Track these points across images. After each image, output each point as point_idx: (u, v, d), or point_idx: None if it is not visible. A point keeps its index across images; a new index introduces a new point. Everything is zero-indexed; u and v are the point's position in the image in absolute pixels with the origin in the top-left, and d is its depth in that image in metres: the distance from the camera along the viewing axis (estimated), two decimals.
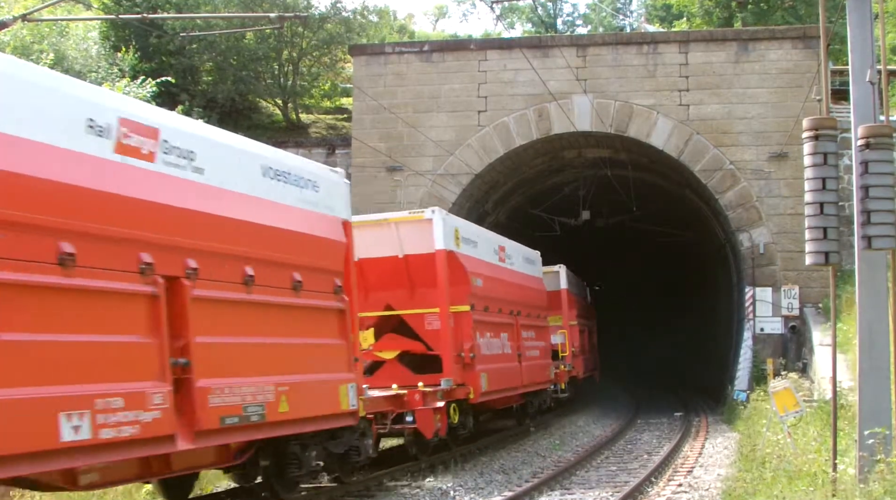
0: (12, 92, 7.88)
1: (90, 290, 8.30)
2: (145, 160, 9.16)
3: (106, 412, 8.12)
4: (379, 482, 14.40)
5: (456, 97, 28.70)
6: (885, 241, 9.75)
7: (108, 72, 27.03)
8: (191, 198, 9.66)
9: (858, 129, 10.00)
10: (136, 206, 8.92)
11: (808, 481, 10.91)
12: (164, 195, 9.28)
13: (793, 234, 26.02)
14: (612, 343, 45.49)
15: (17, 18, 17.79)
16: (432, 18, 73.26)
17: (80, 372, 8.01)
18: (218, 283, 9.94)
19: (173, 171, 9.49)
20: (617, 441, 21.54)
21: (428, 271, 16.14)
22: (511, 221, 33.37)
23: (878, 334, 10.10)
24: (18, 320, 7.53)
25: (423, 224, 16.35)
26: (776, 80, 27.53)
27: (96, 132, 8.61)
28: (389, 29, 54.90)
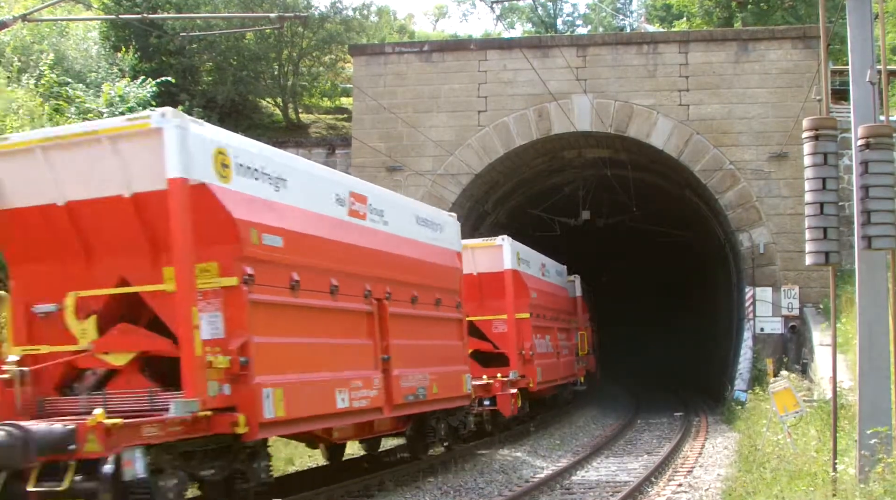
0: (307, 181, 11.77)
1: (345, 310, 12.21)
2: (362, 219, 13.01)
3: (355, 390, 12.06)
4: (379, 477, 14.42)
5: (456, 97, 28.71)
6: (884, 241, 9.75)
7: (108, 72, 27.04)
8: (384, 243, 13.47)
9: (858, 129, 10.01)
10: (361, 251, 12.69)
11: (808, 481, 10.91)
12: (372, 242, 13.08)
13: (793, 234, 26.03)
14: (613, 343, 45.49)
15: (17, 18, 17.81)
16: (432, 18, 73.29)
17: (343, 363, 11.96)
18: (401, 302, 13.88)
19: (375, 225, 13.39)
20: (617, 441, 21.54)
21: (497, 286, 20.16)
22: (511, 221, 33.37)
23: (878, 334, 10.10)
24: (314, 328, 11.44)
25: (494, 249, 20.61)
26: (776, 80, 27.53)
27: (339, 202, 12.44)
28: (389, 29, 54.91)
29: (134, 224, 9.95)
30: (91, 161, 9.92)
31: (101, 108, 23.80)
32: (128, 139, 9.75)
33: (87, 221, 10.15)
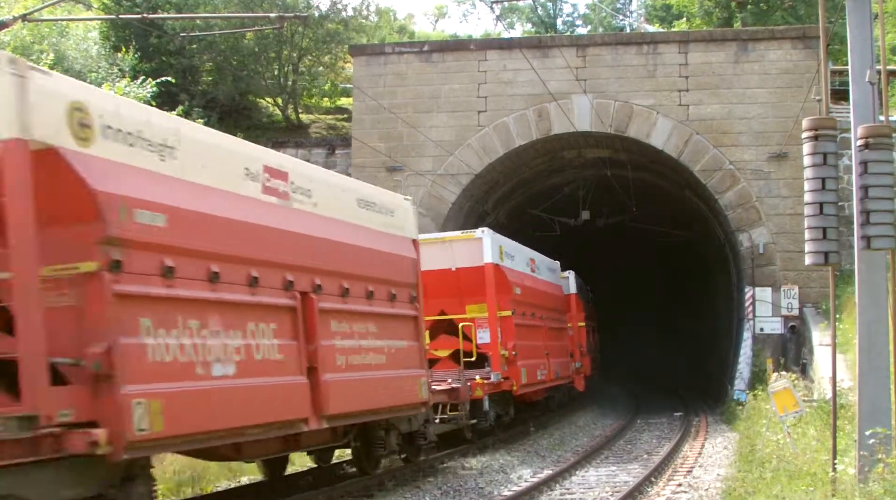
0: None
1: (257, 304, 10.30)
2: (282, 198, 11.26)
3: None
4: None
5: (456, 97, 28.71)
6: (884, 241, 9.75)
7: (108, 72, 27.05)
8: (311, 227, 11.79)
9: (858, 129, 10.01)
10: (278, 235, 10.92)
11: (808, 481, 10.91)
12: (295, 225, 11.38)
13: (792, 234, 26.03)
14: (612, 343, 45.49)
15: (17, 18, 17.80)
16: (432, 18, 73.31)
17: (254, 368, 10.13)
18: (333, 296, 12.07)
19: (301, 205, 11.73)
20: (617, 441, 21.54)
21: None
22: (511, 221, 33.37)
23: (878, 334, 10.10)
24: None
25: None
26: (776, 81, 27.53)
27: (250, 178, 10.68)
28: (389, 29, 54.90)
29: None
30: None
31: None
32: None
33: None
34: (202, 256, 9.48)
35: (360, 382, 12.41)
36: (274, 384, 10.40)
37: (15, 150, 7.67)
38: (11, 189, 7.70)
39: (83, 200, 8.16)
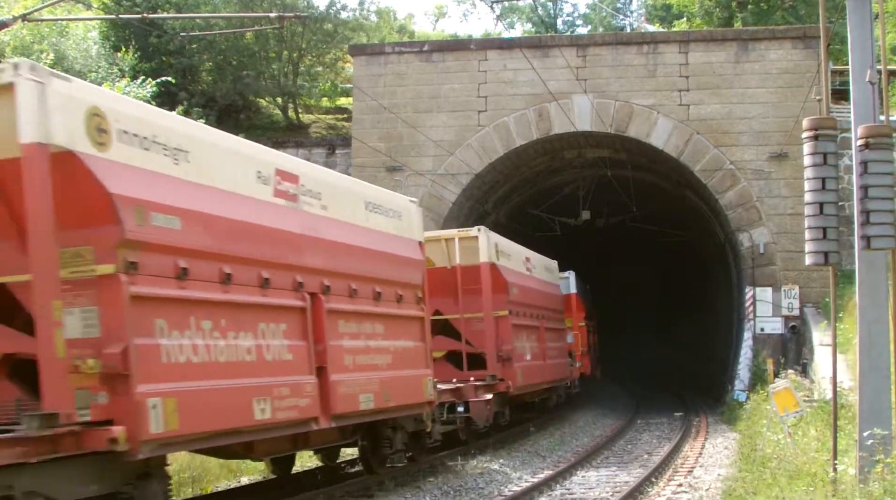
0: None
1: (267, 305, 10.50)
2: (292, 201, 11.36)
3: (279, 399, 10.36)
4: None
5: (456, 97, 28.70)
6: (884, 241, 9.75)
7: (108, 72, 27.05)
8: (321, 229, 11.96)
9: (858, 129, 10.00)
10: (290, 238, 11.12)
11: (808, 481, 10.90)
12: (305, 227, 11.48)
13: (793, 234, 26.02)
14: (612, 343, 45.47)
15: (17, 18, 17.81)
16: (432, 18, 73.33)
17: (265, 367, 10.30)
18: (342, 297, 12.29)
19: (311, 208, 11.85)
20: (617, 441, 21.53)
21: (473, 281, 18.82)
22: (511, 221, 33.37)
23: (878, 334, 10.10)
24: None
25: (469, 240, 19.03)
26: (776, 80, 27.53)
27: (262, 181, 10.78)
28: (389, 29, 54.90)
29: None
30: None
31: None
32: None
33: None
34: (215, 257, 9.63)
35: (368, 381, 12.54)
36: (284, 384, 10.49)
37: (35, 154, 7.82)
38: (32, 192, 7.83)
39: (100, 204, 8.28)
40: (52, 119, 7.94)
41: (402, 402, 13.70)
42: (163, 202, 8.89)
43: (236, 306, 9.89)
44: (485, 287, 18.70)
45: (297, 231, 11.17)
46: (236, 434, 9.90)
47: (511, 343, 19.39)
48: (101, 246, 8.30)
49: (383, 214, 13.91)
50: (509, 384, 19.04)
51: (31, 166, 7.82)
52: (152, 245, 8.70)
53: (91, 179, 8.23)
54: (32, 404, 8.10)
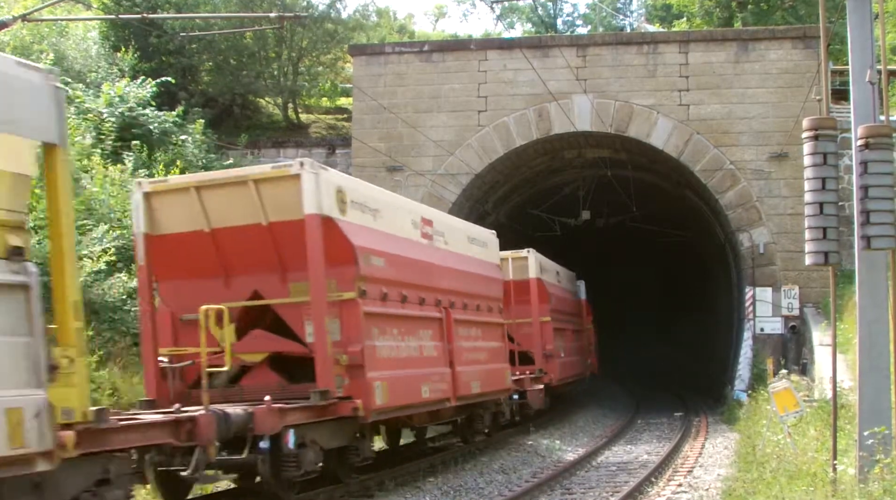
0: None
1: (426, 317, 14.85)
2: (429, 240, 15.51)
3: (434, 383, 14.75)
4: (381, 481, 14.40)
5: (456, 97, 28.70)
6: (884, 241, 9.75)
7: (108, 72, 27.05)
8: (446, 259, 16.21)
9: (858, 129, 10.01)
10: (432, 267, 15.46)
11: (808, 481, 10.90)
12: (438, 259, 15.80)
13: (793, 234, 26.02)
14: (613, 343, 45.46)
15: (17, 18, 17.80)
16: (432, 18, 73.33)
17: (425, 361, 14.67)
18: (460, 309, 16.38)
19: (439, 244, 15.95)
20: (617, 441, 21.54)
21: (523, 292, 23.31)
22: (511, 221, 33.36)
23: (878, 334, 10.10)
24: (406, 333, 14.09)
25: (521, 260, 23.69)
26: (776, 80, 27.53)
27: (414, 226, 15.02)
28: (389, 29, 54.91)
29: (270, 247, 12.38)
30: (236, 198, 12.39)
31: (101, 108, 23.81)
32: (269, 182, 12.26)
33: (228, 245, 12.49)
34: (398, 284, 13.72)
35: (475, 372, 16.63)
36: (434, 373, 14.71)
37: (313, 219, 11.94)
38: (312, 244, 11.90)
39: (345, 251, 12.30)
40: (322, 197, 11.99)
41: (493, 388, 17.86)
42: (374, 248, 13.03)
43: (409, 318, 14.10)
44: (533, 298, 23.09)
45: (434, 262, 15.36)
46: (413, 408, 14.26)
47: (552, 343, 23.87)
48: (345, 279, 12.30)
49: (477, 244, 18.18)
50: (552, 377, 23.26)
51: (311, 227, 11.89)
52: (371, 278, 12.83)
53: (340, 235, 12.27)
54: (288, 386, 12.39)
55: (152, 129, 24.42)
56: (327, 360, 11.98)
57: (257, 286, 12.67)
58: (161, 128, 24.68)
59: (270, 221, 12.28)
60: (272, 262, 12.48)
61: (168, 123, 24.99)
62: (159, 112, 25.05)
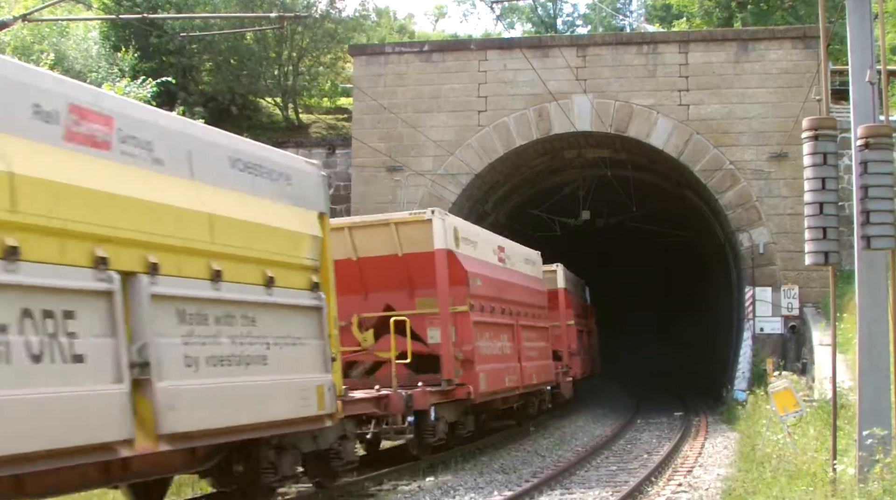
0: None
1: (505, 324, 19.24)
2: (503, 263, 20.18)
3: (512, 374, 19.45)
4: (378, 481, 14.45)
5: (456, 97, 28.72)
6: (884, 241, 9.75)
7: (108, 72, 27.06)
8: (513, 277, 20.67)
9: (858, 129, 10.01)
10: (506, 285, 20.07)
11: (808, 480, 10.91)
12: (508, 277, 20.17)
13: (793, 234, 26.04)
14: (612, 343, 45.46)
15: (17, 18, 17.82)
16: (432, 18, 73.35)
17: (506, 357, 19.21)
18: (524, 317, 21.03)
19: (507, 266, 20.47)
20: (617, 441, 21.54)
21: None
22: (511, 221, 33.37)
23: (878, 334, 10.10)
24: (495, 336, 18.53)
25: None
26: (776, 81, 27.54)
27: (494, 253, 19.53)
28: (389, 29, 54.93)
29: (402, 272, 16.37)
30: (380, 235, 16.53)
31: None
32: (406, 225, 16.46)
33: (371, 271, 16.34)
34: (489, 299, 18.03)
35: (534, 367, 21.05)
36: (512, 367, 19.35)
37: (441, 253, 16.14)
38: (440, 271, 16.12)
39: (461, 275, 16.54)
40: (446, 236, 16.22)
41: (543, 380, 22.33)
42: (477, 272, 17.35)
43: (496, 325, 18.43)
44: (561, 305, 26.26)
45: (508, 280, 19.65)
46: (500, 393, 18.50)
47: (575, 344, 27.13)
48: (459, 296, 16.52)
49: (529, 263, 22.45)
50: (576, 372, 27.08)
51: (439, 258, 16.13)
52: (475, 295, 17.11)
53: (458, 263, 16.50)
54: (415, 376, 15.96)
55: None
56: (450, 356, 16.23)
57: (389, 301, 16.67)
58: None
59: (404, 252, 16.35)
60: (403, 282, 16.61)
61: None
62: None
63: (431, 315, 16.26)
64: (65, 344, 7.68)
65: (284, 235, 10.98)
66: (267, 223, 10.62)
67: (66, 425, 7.55)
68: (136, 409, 8.33)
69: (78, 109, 8.18)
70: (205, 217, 9.52)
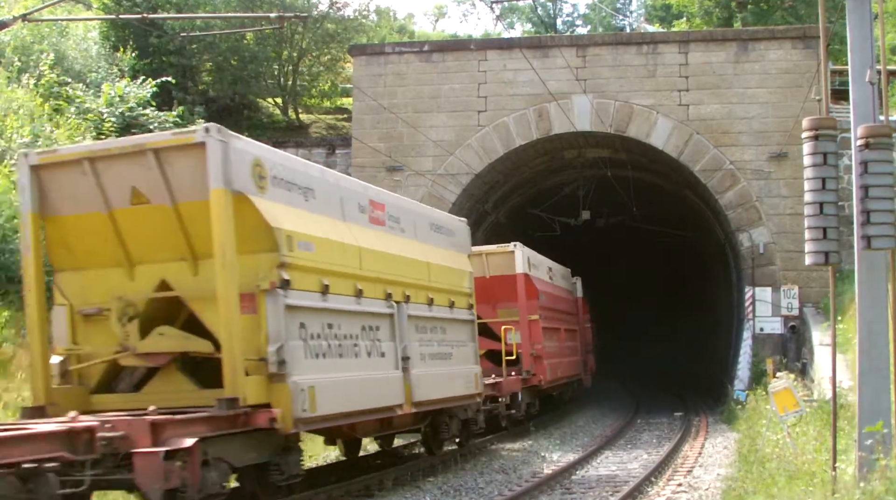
0: None
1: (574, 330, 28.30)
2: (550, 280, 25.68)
3: None
4: (380, 480, 14.47)
5: (456, 97, 28.71)
6: (884, 241, 9.74)
7: (107, 72, 27.05)
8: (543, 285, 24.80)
9: (858, 129, 10.00)
10: None
11: (808, 480, 10.91)
12: None
13: (793, 234, 26.02)
14: (613, 343, 45.45)
15: (17, 18, 17.82)
16: (432, 18, 73.30)
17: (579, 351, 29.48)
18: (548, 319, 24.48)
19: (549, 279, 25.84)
20: (617, 441, 21.55)
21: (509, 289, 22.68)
22: (511, 221, 33.37)
23: (878, 334, 10.10)
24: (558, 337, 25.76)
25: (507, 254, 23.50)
26: (776, 80, 27.53)
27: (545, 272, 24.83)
28: (389, 29, 54.91)
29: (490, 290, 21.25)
30: None
31: (101, 108, 23.81)
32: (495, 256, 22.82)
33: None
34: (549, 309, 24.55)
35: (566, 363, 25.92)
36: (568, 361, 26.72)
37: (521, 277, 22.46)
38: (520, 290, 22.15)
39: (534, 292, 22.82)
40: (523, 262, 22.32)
41: (571, 373, 27.34)
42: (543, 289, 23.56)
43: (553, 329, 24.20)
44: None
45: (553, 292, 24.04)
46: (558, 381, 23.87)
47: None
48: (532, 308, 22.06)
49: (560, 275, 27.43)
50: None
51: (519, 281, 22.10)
52: (542, 307, 22.65)
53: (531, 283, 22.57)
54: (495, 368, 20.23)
55: (152, 129, 24.42)
56: (528, 354, 21.85)
57: (479, 312, 18.79)
58: (161, 128, 24.67)
59: (492, 275, 21.43)
60: (491, 298, 21.47)
61: (168, 123, 24.99)
62: (159, 112, 25.06)
63: (512, 322, 21.45)
64: (377, 346, 13.08)
65: (456, 272, 16.50)
66: (448, 265, 16.11)
67: (378, 394, 12.89)
68: (404, 386, 13.61)
69: (371, 203, 13.76)
70: (425, 265, 15.01)
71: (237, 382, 10.01)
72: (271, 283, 10.58)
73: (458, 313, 16.31)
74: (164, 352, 10.92)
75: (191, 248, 10.72)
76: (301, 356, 10.95)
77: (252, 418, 10.17)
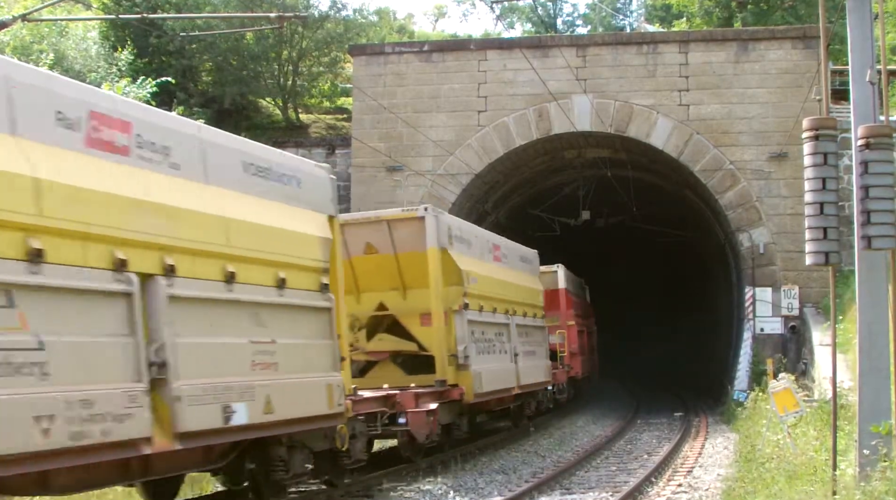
0: None
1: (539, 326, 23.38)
2: None
3: None
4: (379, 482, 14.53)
5: (456, 97, 28.70)
6: (884, 241, 9.74)
7: (107, 72, 27.03)
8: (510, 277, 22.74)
9: (858, 129, 9.99)
10: None
11: (808, 481, 10.91)
12: None
13: (793, 234, 26.02)
14: (613, 343, 45.44)
15: (17, 18, 17.81)
16: (432, 18, 73.27)
17: None
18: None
19: None
20: (617, 441, 21.54)
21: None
22: (511, 221, 33.36)
23: (878, 334, 10.09)
24: None
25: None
26: (776, 80, 27.52)
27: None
28: (389, 29, 54.90)
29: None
30: None
31: None
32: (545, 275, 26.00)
33: None
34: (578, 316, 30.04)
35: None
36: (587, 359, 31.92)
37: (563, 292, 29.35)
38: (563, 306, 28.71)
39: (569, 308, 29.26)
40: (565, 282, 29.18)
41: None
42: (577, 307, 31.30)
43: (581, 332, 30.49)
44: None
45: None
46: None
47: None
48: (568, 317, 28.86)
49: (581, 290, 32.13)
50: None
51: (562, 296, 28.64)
52: (574, 315, 29.10)
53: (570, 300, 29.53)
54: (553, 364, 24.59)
55: None
56: (567, 352, 27.30)
57: None
58: None
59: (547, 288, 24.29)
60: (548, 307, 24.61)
61: None
62: None
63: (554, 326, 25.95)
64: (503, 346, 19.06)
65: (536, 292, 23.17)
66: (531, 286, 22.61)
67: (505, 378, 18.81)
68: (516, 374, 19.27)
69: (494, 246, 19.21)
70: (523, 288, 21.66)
71: (445, 369, 15.93)
72: (459, 305, 16.40)
73: (538, 322, 22.56)
74: (383, 351, 16.58)
75: (402, 281, 16.22)
76: (474, 353, 16.74)
77: (451, 392, 15.92)
